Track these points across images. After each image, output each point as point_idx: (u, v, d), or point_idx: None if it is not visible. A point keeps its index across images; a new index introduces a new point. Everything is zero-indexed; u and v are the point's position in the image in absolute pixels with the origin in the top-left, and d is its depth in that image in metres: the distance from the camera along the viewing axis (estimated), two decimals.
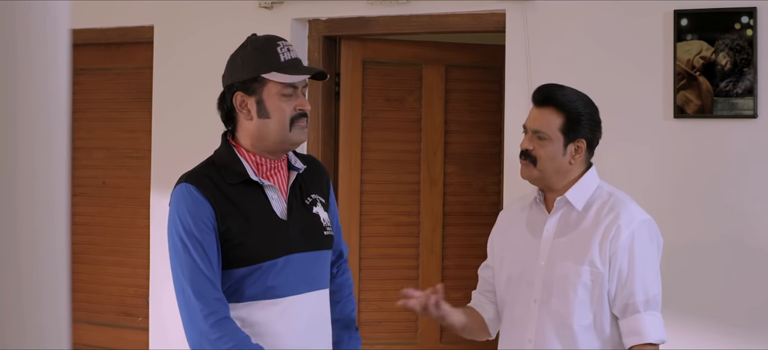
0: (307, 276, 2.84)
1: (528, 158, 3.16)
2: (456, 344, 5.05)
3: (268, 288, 2.76)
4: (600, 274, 3.09)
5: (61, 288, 1.29)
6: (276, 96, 2.77)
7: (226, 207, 2.74)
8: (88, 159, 5.43)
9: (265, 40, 2.83)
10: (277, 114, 2.77)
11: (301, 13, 4.86)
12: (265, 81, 2.77)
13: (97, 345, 5.45)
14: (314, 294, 2.86)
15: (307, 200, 2.89)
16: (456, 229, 5.11)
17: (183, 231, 2.72)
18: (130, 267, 5.33)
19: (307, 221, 2.87)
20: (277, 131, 2.78)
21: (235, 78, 2.80)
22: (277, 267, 2.77)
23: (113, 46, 5.34)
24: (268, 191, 2.81)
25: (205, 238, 2.71)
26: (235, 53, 2.87)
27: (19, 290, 1.23)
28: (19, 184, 1.23)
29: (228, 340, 2.67)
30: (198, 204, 2.72)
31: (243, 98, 2.78)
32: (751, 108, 4.07)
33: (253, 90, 2.77)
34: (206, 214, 2.72)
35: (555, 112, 3.14)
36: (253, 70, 2.77)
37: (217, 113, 2.93)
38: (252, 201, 2.78)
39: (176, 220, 2.75)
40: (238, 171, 2.78)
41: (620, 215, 3.12)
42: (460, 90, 5.13)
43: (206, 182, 2.76)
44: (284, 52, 2.79)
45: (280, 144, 2.81)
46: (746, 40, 4.07)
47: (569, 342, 3.12)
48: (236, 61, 2.82)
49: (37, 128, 1.25)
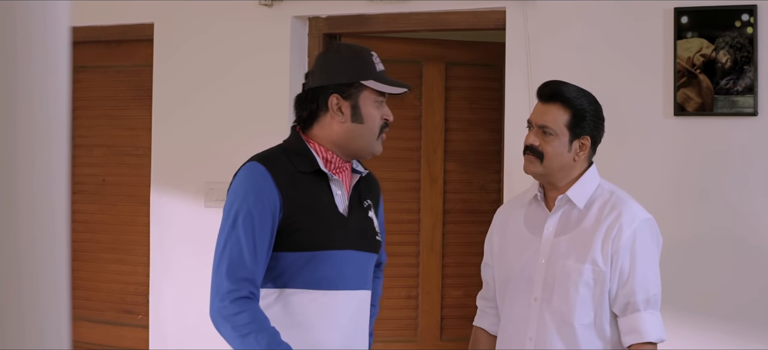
0: (357, 274, 2.90)
1: (533, 153, 3.16)
2: (456, 342, 5.05)
3: (321, 278, 2.80)
4: (602, 273, 3.09)
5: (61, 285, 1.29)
6: (371, 103, 2.86)
7: (294, 192, 2.79)
8: (88, 157, 5.42)
9: (358, 48, 2.93)
10: (370, 120, 2.86)
11: (301, 10, 4.86)
12: (362, 87, 2.84)
13: (97, 343, 5.45)
14: (361, 292, 2.92)
15: (364, 203, 2.96)
16: (456, 227, 5.10)
17: (241, 208, 2.76)
18: (130, 264, 5.33)
19: (365, 223, 2.95)
20: (367, 136, 2.88)
21: (333, 80, 2.85)
22: (334, 259, 2.82)
23: (113, 43, 5.34)
24: (334, 185, 2.88)
25: (260, 221, 2.75)
26: (328, 57, 2.92)
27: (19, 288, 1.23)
28: (19, 182, 1.23)
29: (246, 317, 2.70)
30: (265, 186, 2.77)
31: (339, 100, 2.84)
32: (752, 106, 4.07)
33: (349, 94, 2.84)
34: (270, 198, 2.76)
35: (561, 108, 3.14)
36: (354, 75, 2.84)
37: (215, 110, 2.94)
38: (318, 192, 2.84)
39: (238, 195, 2.78)
40: (311, 160, 2.84)
41: (622, 214, 3.12)
42: (460, 88, 5.13)
43: (277, 166, 2.81)
44: (377, 63, 2.89)
45: (365, 150, 2.91)
46: (746, 37, 4.07)
47: (570, 341, 3.12)
48: (334, 64, 2.87)
49: (37, 125, 1.25)
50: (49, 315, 1.27)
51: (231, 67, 4.92)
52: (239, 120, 4.87)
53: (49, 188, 1.27)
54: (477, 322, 3.44)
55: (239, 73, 4.89)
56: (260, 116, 4.82)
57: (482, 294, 3.44)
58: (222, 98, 4.93)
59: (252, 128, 4.78)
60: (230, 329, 2.70)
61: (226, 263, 2.74)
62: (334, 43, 2.93)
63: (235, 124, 4.87)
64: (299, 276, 2.79)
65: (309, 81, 2.91)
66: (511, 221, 3.33)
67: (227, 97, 4.91)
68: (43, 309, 1.26)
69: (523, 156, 3.19)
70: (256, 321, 2.70)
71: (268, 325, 2.72)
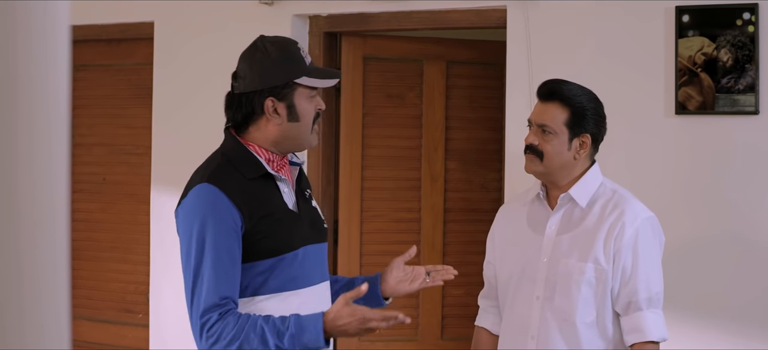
0: (318, 267, 2.90)
1: (533, 152, 3.16)
2: (457, 341, 5.05)
3: (290, 279, 2.80)
4: (604, 271, 3.09)
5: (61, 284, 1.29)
6: (305, 99, 2.84)
7: (250, 203, 2.76)
8: (88, 156, 5.43)
9: (284, 43, 2.88)
10: (305, 116, 2.85)
11: (301, 9, 4.86)
12: (296, 86, 2.82)
13: (98, 342, 5.45)
14: (324, 284, 2.93)
15: (306, 194, 2.96)
16: (457, 226, 5.10)
17: (202, 233, 2.73)
18: (131, 263, 5.33)
19: (313, 214, 2.94)
20: (303, 132, 2.85)
21: (266, 84, 2.83)
22: (298, 258, 2.81)
23: (113, 42, 5.34)
24: (281, 184, 2.87)
25: (227, 241, 2.72)
26: (255, 57, 2.88)
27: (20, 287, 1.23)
28: (19, 181, 1.22)
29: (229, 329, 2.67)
30: (223, 207, 2.73)
31: (274, 102, 2.82)
32: (753, 105, 4.06)
33: (283, 95, 2.82)
34: (231, 217, 2.73)
35: (560, 106, 3.14)
36: (286, 75, 2.82)
37: (215, 108, 2.94)
38: (269, 195, 2.83)
39: (196, 221, 2.75)
40: (256, 165, 2.83)
41: (625, 213, 3.12)
42: (461, 86, 5.12)
43: (228, 182, 2.78)
44: (306, 56, 2.87)
45: (301, 145, 2.88)
46: (748, 36, 4.06)
47: (572, 339, 3.12)
48: (264, 66, 2.84)
49: (37, 124, 1.25)
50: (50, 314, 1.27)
51: (231, 66, 4.89)
52: None
53: (49, 187, 1.26)
54: (479, 322, 3.44)
55: None
56: None
57: (484, 293, 3.43)
58: (222, 96, 4.91)
59: None
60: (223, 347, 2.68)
61: (205, 289, 2.70)
62: (260, 42, 2.89)
63: None
64: (268, 283, 2.78)
65: (239, 85, 2.88)
66: (513, 219, 3.33)
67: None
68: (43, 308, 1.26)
69: (524, 156, 3.19)
70: (238, 324, 2.67)
71: (254, 321, 2.68)
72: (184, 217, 2.80)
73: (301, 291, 2.82)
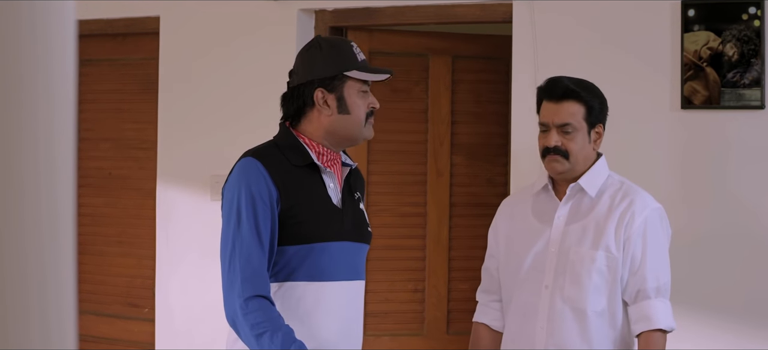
0: (352, 265, 2.94)
1: (558, 153, 3.17)
2: (463, 335, 5.05)
3: (318, 270, 2.85)
4: (615, 259, 3.12)
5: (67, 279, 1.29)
6: (355, 93, 2.90)
7: (289, 185, 2.83)
8: (94, 150, 5.43)
9: (338, 40, 3.01)
10: (356, 110, 2.90)
11: (307, 3, 4.86)
12: (346, 79, 2.89)
13: (103, 336, 5.45)
14: (356, 283, 2.96)
15: (355, 195, 3.00)
16: (463, 220, 5.10)
17: (242, 204, 2.80)
18: (136, 258, 5.33)
19: (357, 214, 2.98)
20: (354, 126, 2.91)
21: (316, 75, 2.89)
22: (330, 251, 2.86)
23: (119, 37, 5.34)
24: (326, 178, 2.92)
25: (263, 216, 2.79)
26: (308, 52, 2.95)
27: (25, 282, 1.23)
28: (25, 175, 1.23)
29: (260, 315, 2.73)
30: (262, 180, 2.81)
31: (324, 94, 2.88)
32: (759, 99, 4.06)
33: (333, 87, 2.88)
34: (268, 191, 2.80)
35: (576, 103, 3.17)
36: (336, 67, 2.88)
37: (223, 104, 2.96)
38: (312, 184, 2.88)
39: (237, 192, 2.82)
40: (303, 154, 2.88)
41: (635, 202, 3.15)
42: (466, 81, 5.12)
43: (271, 160, 2.85)
44: (358, 53, 2.94)
45: (353, 139, 2.95)
46: (754, 30, 4.06)
47: (583, 328, 3.13)
48: (314, 59, 2.92)
49: (43, 119, 1.25)
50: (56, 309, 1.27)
51: (237, 61, 4.92)
52: (245, 112, 4.86)
53: (55, 182, 1.26)
54: (478, 317, 3.42)
55: (245, 66, 4.88)
56: (266, 108, 4.81)
57: (483, 288, 3.43)
58: (227, 90, 4.93)
59: (258, 120, 4.77)
60: (247, 329, 2.74)
61: (238, 262, 2.77)
62: (315, 39, 2.98)
63: (240, 116, 4.87)
64: (299, 268, 2.84)
65: (293, 79, 2.95)
66: (518, 212, 3.34)
67: (233, 90, 4.90)
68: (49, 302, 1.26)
69: (544, 159, 3.20)
70: (270, 319, 2.73)
71: (282, 323, 2.75)
72: (227, 188, 2.88)
73: (329, 284, 2.86)
